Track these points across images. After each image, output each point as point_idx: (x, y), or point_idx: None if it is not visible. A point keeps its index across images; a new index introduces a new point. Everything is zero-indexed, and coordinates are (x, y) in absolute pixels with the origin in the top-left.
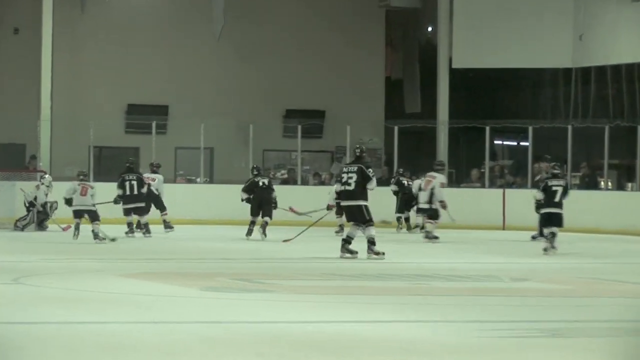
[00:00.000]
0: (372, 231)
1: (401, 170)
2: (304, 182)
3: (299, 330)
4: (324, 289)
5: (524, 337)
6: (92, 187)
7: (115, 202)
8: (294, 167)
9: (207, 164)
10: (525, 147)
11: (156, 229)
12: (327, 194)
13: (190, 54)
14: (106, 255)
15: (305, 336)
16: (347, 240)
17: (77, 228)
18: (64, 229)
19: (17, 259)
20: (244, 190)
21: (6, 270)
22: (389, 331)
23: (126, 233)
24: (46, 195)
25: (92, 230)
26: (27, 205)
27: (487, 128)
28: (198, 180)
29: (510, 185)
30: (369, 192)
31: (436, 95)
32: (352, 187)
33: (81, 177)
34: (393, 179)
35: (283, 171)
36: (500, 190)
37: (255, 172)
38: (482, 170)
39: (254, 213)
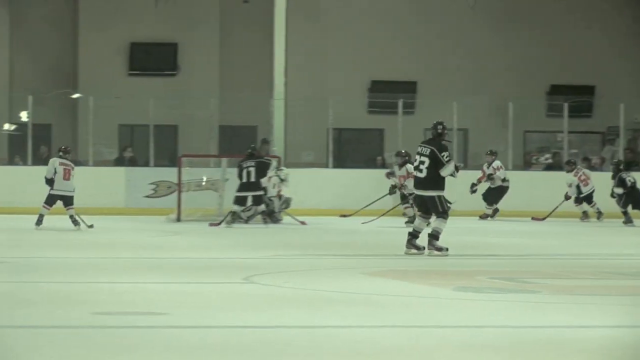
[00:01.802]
0: (443, 225)
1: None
2: None
3: (570, 336)
4: (599, 289)
5: None
6: (73, 168)
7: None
8: (559, 150)
9: (461, 147)
10: None
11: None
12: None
13: (441, 24)
14: (348, 251)
15: (578, 343)
16: (414, 235)
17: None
18: (302, 223)
19: (246, 255)
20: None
21: (236, 268)
22: None
23: (245, 219)
24: (278, 190)
25: (70, 217)
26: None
27: None
28: None
29: None
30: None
31: None
32: (423, 174)
33: (60, 153)
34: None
35: (547, 155)
36: None
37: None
38: None
39: None
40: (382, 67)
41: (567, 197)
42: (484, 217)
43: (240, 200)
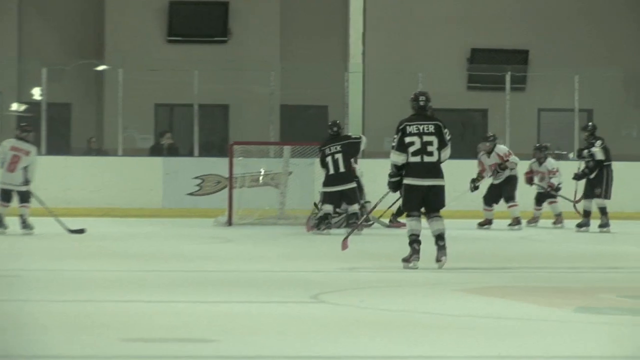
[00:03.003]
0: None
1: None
2: None
3: None
4: None
5: None
6: (28, 153)
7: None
8: None
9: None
10: None
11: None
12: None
13: None
14: (454, 262)
15: None
16: (419, 241)
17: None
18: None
19: (313, 268)
20: None
21: (301, 284)
22: None
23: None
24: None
25: (20, 216)
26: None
27: None
28: (570, 155)
29: None
30: None
31: None
32: (435, 158)
33: (17, 132)
34: None
35: None
36: None
37: None
38: None
39: None
40: (484, 32)
41: (557, 189)
42: (485, 223)
43: (332, 198)
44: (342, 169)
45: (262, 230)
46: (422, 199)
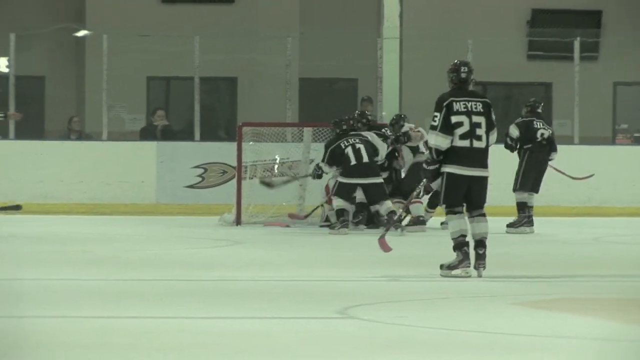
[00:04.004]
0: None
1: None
2: None
3: None
4: None
5: None
6: None
7: (314, 176)
8: None
9: None
10: None
11: None
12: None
13: None
14: (491, 269)
15: None
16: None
17: None
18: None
19: (340, 276)
20: None
21: (325, 295)
22: None
23: (331, 227)
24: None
25: None
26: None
27: None
28: None
29: None
30: None
31: None
32: (483, 143)
33: None
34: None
35: None
36: None
37: None
38: None
39: None
40: None
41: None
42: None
43: (345, 191)
44: (365, 159)
45: (277, 230)
46: (465, 191)
